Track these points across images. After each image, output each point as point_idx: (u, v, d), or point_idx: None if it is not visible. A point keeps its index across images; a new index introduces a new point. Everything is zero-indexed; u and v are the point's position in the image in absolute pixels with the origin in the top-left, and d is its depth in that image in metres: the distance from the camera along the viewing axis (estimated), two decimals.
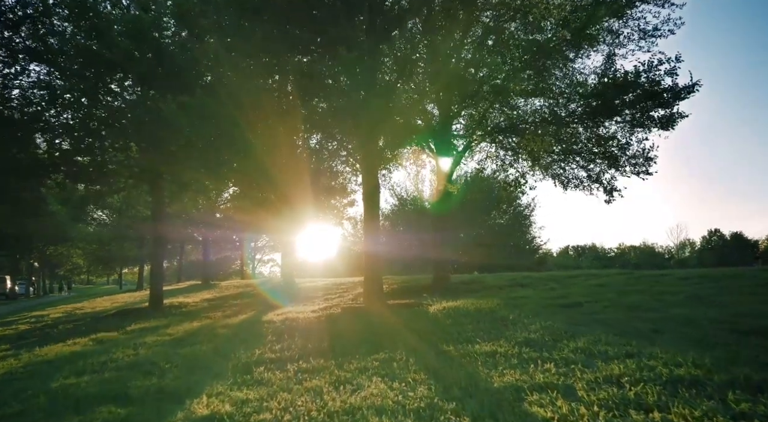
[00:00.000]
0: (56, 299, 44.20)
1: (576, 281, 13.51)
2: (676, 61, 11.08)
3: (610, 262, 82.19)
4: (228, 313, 14.86)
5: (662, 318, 7.64)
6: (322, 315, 10.50)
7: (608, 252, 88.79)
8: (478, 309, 9.69)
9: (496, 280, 15.89)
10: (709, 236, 79.99)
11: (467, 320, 8.67)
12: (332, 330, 8.59)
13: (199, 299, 21.08)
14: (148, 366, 7.01)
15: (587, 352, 5.74)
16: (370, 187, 12.57)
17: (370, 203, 12.61)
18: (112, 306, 22.47)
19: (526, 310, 9.35)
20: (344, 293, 18.02)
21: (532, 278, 15.66)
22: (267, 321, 10.54)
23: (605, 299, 9.55)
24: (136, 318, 14.83)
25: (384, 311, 10.42)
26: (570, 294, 10.84)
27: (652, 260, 79.17)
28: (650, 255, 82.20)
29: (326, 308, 11.58)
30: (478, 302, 10.66)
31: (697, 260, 77.17)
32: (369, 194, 12.52)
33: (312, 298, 17.41)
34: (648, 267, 77.56)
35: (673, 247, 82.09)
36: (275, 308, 14.66)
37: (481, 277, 17.35)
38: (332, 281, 23.44)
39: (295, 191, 24.45)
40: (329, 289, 20.00)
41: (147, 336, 10.45)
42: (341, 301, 15.27)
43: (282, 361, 6.66)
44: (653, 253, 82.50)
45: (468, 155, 15.98)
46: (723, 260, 72.17)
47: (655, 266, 76.96)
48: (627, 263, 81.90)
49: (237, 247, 51.73)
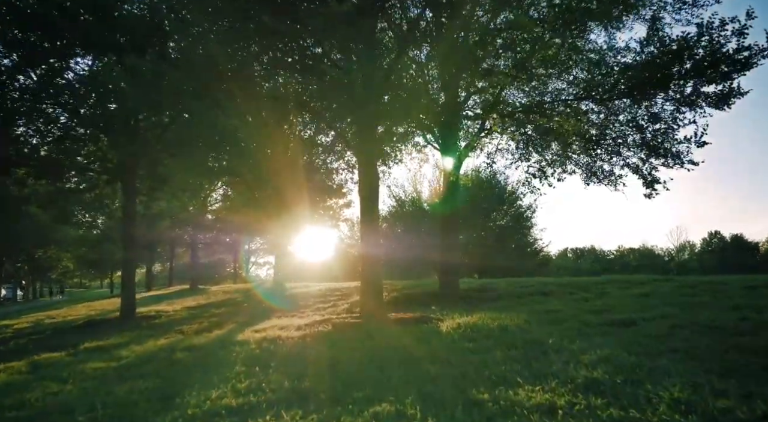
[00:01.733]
0: (43, 305, 41.91)
1: (608, 289, 11.52)
2: (749, 17, 9.00)
3: (610, 264, 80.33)
4: (204, 326, 12.79)
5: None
6: (309, 334, 8.45)
7: (607, 254, 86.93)
8: (503, 328, 7.67)
9: (511, 287, 13.88)
10: (710, 238, 78.29)
11: (493, 344, 6.65)
12: (318, 359, 6.55)
13: (180, 307, 18.97)
14: (56, 417, 4.98)
15: (698, 410, 3.74)
16: (369, 181, 10.51)
17: (368, 201, 10.54)
18: (87, 315, 20.34)
19: (565, 330, 7.35)
20: (339, 301, 15.96)
21: (552, 284, 13.66)
22: (242, 341, 8.48)
23: (666, 315, 7.54)
24: (98, 332, 12.78)
25: (385, 328, 8.39)
26: (612, 307, 8.84)
27: (652, 262, 77.33)
28: (650, 257, 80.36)
29: (316, 324, 9.53)
30: (499, 317, 8.65)
31: (697, 262, 75.43)
32: (367, 189, 10.47)
33: (303, 307, 15.35)
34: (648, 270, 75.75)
35: (674, 249, 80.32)
36: (259, 319, 12.60)
37: (493, 283, 15.34)
38: (327, 287, 21.36)
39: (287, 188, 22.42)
40: (323, 296, 17.94)
41: (93, 359, 8.40)
42: (335, 311, 13.22)
43: (245, 412, 4.64)
44: (653, 255, 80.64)
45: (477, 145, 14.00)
46: (724, 263, 70.50)
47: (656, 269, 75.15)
48: (627, 266, 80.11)
49: (231, 249, 49.56)
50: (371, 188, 10.70)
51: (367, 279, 10.45)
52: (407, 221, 40.15)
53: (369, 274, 10.49)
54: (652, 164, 11.22)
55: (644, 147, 10.93)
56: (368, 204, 10.66)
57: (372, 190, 10.73)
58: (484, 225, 44.11)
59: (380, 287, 10.73)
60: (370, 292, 10.45)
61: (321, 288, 20.87)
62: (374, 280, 10.45)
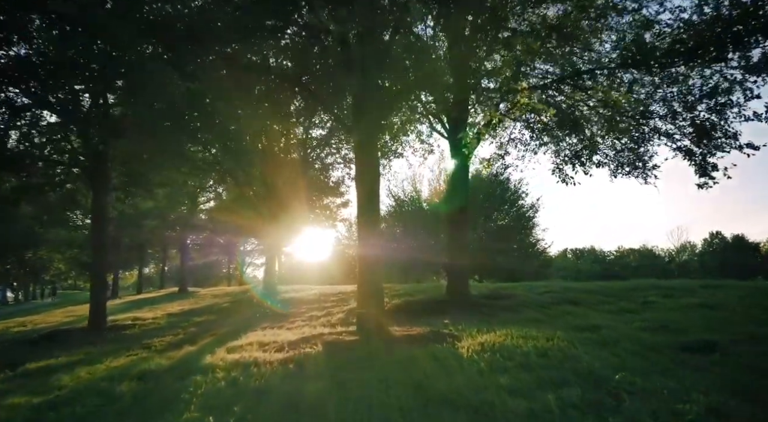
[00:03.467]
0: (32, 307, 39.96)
1: (650, 297, 9.74)
2: None
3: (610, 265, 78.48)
4: (178, 338, 10.97)
5: None
6: (293, 357, 6.62)
7: (607, 255, 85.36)
8: (542, 352, 5.88)
9: (529, 293, 12.09)
10: (711, 239, 76.74)
11: (536, 380, 4.86)
12: (298, 403, 4.74)
13: (161, 313, 17.11)
14: None
15: None
16: (368, 173, 8.65)
17: (368, 197, 8.64)
18: (61, 322, 18.47)
19: (624, 356, 5.56)
20: (335, 307, 14.14)
21: (576, 290, 11.87)
22: (209, 366, 6.65)
23: (755, 335, 5.76)
24: (56, 347, 10.96)
25: (389, 350, 6.58)
26: (669, 323, 7.06)
27: (652, 263, 75.57)
28: (651, 258, 78.74)
29: (303, 342, 7.70)
30: (530, 334, 6.86)
31: (698, 263, 73.71)
32: (367, 182, 8.62)
33: (294, 315, 13.53)
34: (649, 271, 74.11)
35: (674, 250, 78.78)
36: (242, 330, 10.79)
37: (506, 288, 13.53)
38: (322, 291, 19.50)
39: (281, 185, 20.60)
40: (318, 302, 16.10)
41: (20, 390, 6.57)
42: (329, 321, 11.40)
43: None
44: (654, 256, 79.04)
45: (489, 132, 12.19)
46: (725, 264, 68.82)
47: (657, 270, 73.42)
48: (627, 266, 78.36)
49: (226, 250, 47.65)
50: (371, 180, 8.84)
51: (365, 286, 8.63)
52: (407, 222, 38.40)
53: (368, 280, 8.65)
54: (706, 147, 9.43)
55: (696, 127, 9.16)
56: (368, 200, 8.79)
57: (372, 182, 8.87)
58: (485, 225, 42.39)
59: (381, 296, 8.90)
60: (370, 301, 8.61)
61: (316, 292, 19.03)
62: (374, 288, 8.62)
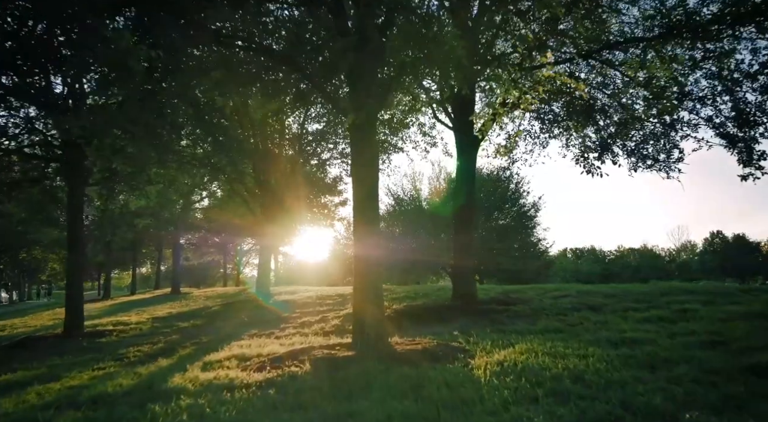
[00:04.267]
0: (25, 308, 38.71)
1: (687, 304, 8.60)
2: None
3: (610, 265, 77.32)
4: (157, 348, 9.85)
5: None
6: (274, 380, 5.51)
7: (607, 255, 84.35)
8: (577, 375, 4.78)
9: (543, 297, 10.99)
10: (712, 238, 75.80)
11: (577, 415, 3.77)
12: None
13: (147, 317, 15.96)
14: None
15: None
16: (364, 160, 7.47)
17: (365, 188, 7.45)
18: (40, 326, 17.33)
19: (677, 380, 4.47)
20: (330, 312, 13.03)
21: (595, 294, 10.75)
22: (176, 389, 5.54)
23: None
24: (20, 357, 9.85)
25: (389, 371, 5.47)
26: (721, 336, 5.96)
27: (653, 263, 74.45)
28: (651, 258, 77.72)
29: (289, 357, 6.58)
30: (555, 349, 5.77)
31: (699, 263, 72.64)
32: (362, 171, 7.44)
33: (286, 320, 12.43)
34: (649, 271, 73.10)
35: (675, 249, 77.80)
36: (226, 339, 9.70)
37: (518, 291, 12.39)
38: (319, 292, 18.38)
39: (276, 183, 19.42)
40: (312, 305, 14.99)
41: None
42: (323, 329, 10.27)
43: None
44: (654, 256, 78.01)
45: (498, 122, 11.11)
46: (726, 264, 67.80)
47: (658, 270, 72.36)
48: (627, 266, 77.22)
49: (223, 250, 46.47)
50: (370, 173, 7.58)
51: (363, 291, 7.48)
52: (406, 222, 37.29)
53: (366, 284, 7.49)
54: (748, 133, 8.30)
55: (740, 110, 8.05)
56: (366, 196, 7.53)
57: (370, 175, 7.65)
58: (485, 225, 41.27)
59: (380, 302, 7.73)
60: (367, 308, 7.45)
61: (312, 294, 17.93)
62: (373, 292, 7.47)
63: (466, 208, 11.00)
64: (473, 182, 11.48)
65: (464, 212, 11.17)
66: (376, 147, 7.84)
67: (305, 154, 19.02)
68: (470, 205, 11.06)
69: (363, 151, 7.58)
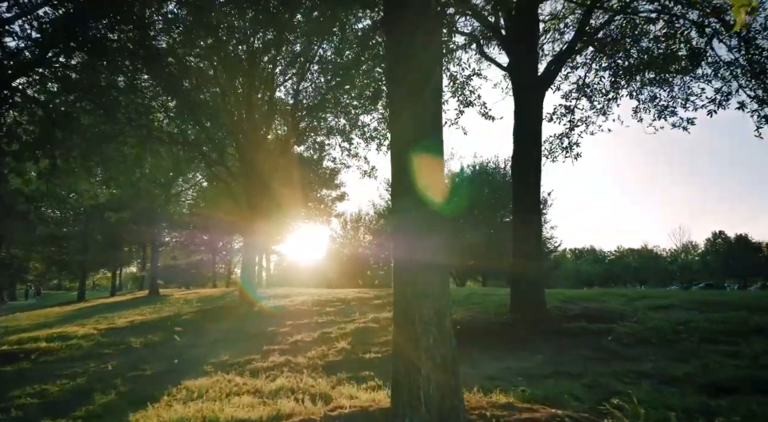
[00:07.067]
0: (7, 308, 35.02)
1: None
2: None
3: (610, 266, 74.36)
4: (68, 387, 6.38)
5: None
6: None
7: (607, 255, 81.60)
8: None
9: (631, 306, 7.62)
10: (714, 239, 73.09)
11: None
12: None
13: (98, 328, 12.32)
14: None
15: None
16: (411, 57, 3.70)
17: (418, 129, 3.61)
18: None
19: None
20: (330, 326, 9.58)
21: (702, 305, 7.41)
22: None
23: None
24: None
25: None
26: None
27: (654, 263, 71.54)
28: (652, 259, 74.86)
29: None
30: None
31: (701, 264, 69.81)
32: (408, 100, 3.62)
33: (270, 338, 9.00)
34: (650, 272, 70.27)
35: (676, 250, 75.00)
36: (172, 375, 6.27)
37: (584, 298, 8.96)
38: (315, 297, 14.89)
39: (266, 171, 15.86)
40: (307, 314, 11.53)
41: None
42: (325, 356, 6.83)
43: None
44: (655, 256, 75.13)
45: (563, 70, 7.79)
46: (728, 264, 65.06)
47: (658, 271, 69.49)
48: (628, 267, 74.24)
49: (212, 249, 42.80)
50: (416, 92, 3.68)
51: (407, 317, 3.55)
52: None
53: (417, 307, 3.57)
54: None
55: None
56: (411, 141, 3.85)
57: (418, 94, 3.69)
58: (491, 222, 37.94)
59: (447, 340, 3.44)
60: (421, 350, 3.50)
61: (306, 299, 14.46)
62: (433, 323, 3.42)
63: (532, 185, 7.52)
64: (539, 145, 7.91)
65: (526, 196, 7.68)
66: (437, 48, 3.92)
67: (298, 131, 15.50)
68: (536, 181, 7.63)
69: (409, 56, 3.78)
